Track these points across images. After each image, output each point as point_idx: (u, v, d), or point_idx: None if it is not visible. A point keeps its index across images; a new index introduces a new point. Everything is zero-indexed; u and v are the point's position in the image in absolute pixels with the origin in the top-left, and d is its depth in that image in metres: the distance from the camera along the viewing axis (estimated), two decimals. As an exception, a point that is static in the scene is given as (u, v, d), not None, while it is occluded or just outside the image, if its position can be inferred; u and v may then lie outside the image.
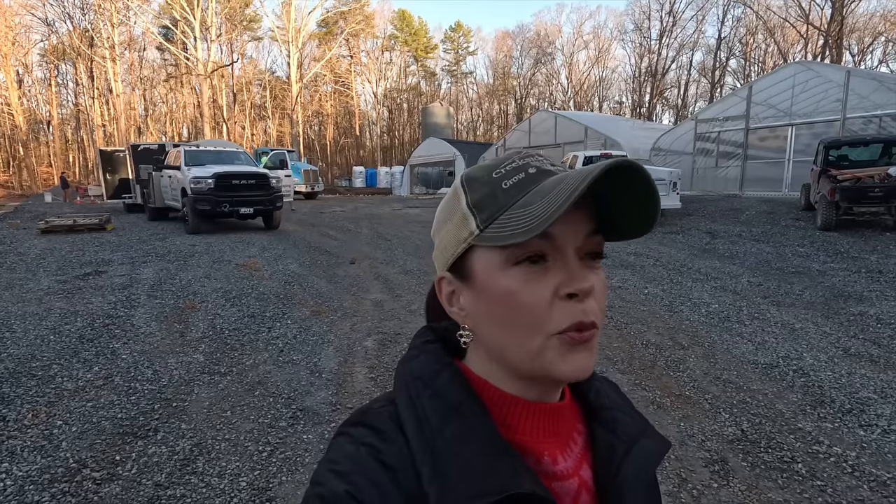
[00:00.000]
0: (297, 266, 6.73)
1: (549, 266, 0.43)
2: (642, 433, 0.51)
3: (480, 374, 0.48)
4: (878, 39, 33.87)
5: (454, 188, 0.48)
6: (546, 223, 0.38)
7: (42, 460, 2.42)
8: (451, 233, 0.46)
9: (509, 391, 0.47)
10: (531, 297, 0.42)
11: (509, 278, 0.43)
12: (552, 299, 0.42)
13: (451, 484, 0.40)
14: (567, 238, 0.42)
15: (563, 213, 0.37)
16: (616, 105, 47.33)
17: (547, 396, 0.48)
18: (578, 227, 0.43)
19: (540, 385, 0.47)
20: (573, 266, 0.42)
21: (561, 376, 0.43)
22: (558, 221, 0.39)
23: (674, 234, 9.01)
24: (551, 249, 0.42)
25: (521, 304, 0.42)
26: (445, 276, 0.48)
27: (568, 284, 0.42)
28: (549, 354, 0.42)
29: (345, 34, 41.85)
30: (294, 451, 2.54)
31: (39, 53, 41.54)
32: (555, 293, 0.42)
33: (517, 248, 0.42)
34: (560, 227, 0.42)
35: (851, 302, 4.88)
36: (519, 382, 0.47)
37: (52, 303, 4.95)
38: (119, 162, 14.73)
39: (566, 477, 0.46)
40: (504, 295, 0.43)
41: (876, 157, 8.80)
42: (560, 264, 0.43)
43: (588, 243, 0.44)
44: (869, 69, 29.38)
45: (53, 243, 8.31)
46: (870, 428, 2.70)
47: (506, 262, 0.43)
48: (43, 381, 3.27)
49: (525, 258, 0.42)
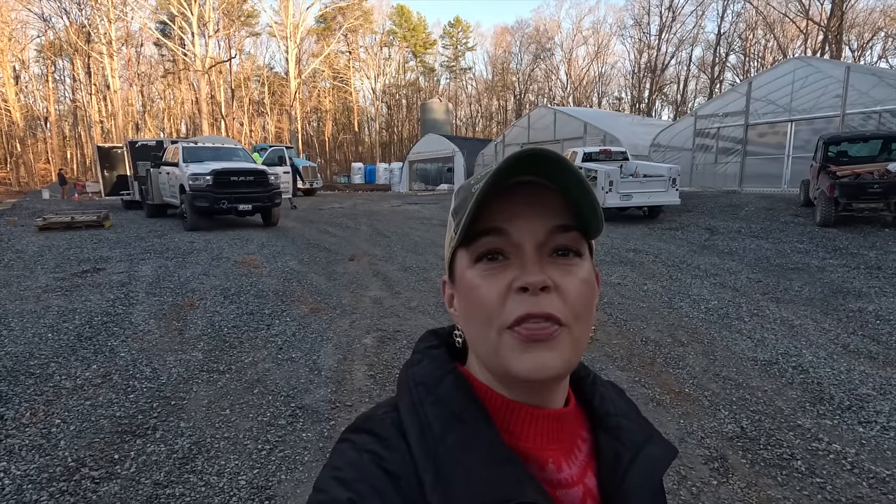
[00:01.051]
0: (295, 263, 6.72)
1: (509, 262, 0.44)
2: (648, 440, 0.51)
3: (482, 380, 0.47)
4: (877, 35, 33.79)
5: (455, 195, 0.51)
6: (465, 227, 0.42)
7: (40, 459, 2.41)
8: (446, 240, 0.49)
9: (511, 397, 0.46)
10: (487, 291, 0.43)
11: (472, 274, 0.44)
12: (506, 293, 0.43)
13: (454, 492, 0.39)
14: (523, 234, 0.43)
15: (473, 214, 0.41)
16: (615, 101, 47.24)
17: (547, 402, 0.47)
18: (538, 222, 0.43)
19: (523, 387, 0.46)
20: (527, 261, 0.43)
21: (518, 374, 0.42)
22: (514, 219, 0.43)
23: (673, 231, 9.01)
24: (508, 246, 0.44)
25: (478, 298, 0.44)
26: (445, 280, 0.51)
27: (519, 278, 0.42)
28: (504, 351, 0.43)
29: (343, 30, 41.67)
30: (293, 450, 2.54)
31: (36, 49, 41.37)
32: (509, 287, 0.43)
33: (476, 245, 0.44)
34: (515, 224, 0.43)
35: (850, 298, 4.89)
36: (514, 386, 0.46)
37: (50, 300, 4.94)
38: (117, 158, 14.68)
39: (571, 485, 0.46)
40: (467, 290, 0.45)
41: (875, 153, 8.79)
42: (518, 260, 0.43)
43: (554, 239, 0.44)
44: (869, 64, 29.35)
45: (51, 240, 8.28)
46: (869, 425, 2.70)
47: (470, 260, 0.45)
48: (41, 379, 3.26)
49: (483, 255, 0.44)
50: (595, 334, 1.95)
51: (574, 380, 0.54)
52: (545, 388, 0.46)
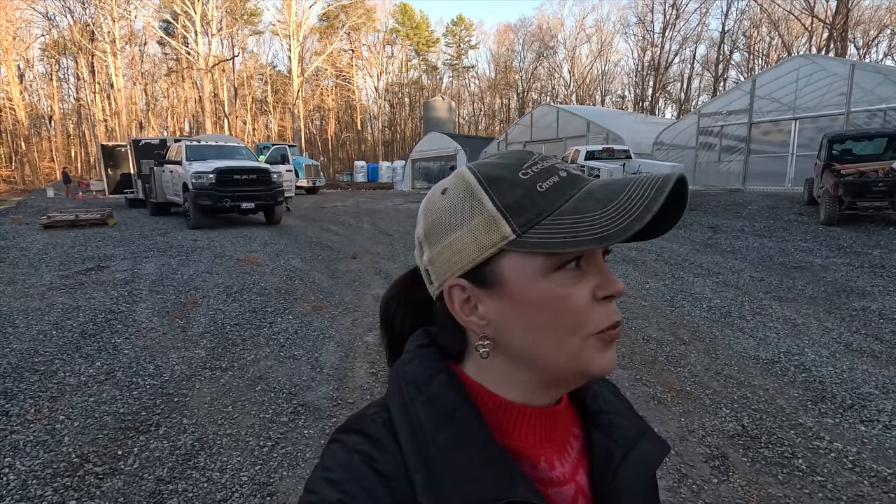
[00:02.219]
0: (298, 261, 6.73)
1: (583, 270, 0.43)
2: (640, 437, 0.51)
3: (475, 379, 0.47)
4: (883, 32, 33.56)
5: (466, 187, 0.45)
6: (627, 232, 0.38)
7: (44, 455, 2.43)
8: (468, 237, 0.43)
9: (505, 396, 0.46)
10: (574, 301, 0.42)
11: (551, 283, 0.42)
12: (591, 302, 0.43)
13: (445, 492, 0.39)
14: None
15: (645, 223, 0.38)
16: (618, 99, 47.10)
17: (551, 399, 0.48)
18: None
19: (559, 387, 0.47)
20: (605, 269, 0.44)
21: (598, 373, 0.44)
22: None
23: (675, 229, 8.98)
24: (586, 253, 0.43)
25: (564, 309, 0.42)
26: (459, 284, 0.44)
27: (605, 288, 0.43)
28: (587, 353, 0.43)
29: (346, 28, 41.70)
30: (295, 447, 2.55)
31: (40, 48, 41.52)
32: (592, 296, 0.43)
33: (560, 254, 0.41)
34: None
35: (854, 297, 4.87)
36: (528, 387, 0.46)
37: (55, 298, 4.97)
38: (120, 157, 14.75)
39: (562, 483, 0.46)
40: (547, 300, 0.42)
41: (880, 151, 8.74)
42: (594, 268, 0.44)
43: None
44: (874, 62, 29.16)
45: (55, 238, 8.33)
46: (871, 423, 2.69)
47: (548, 268, 0.42)
48: (45, 376, 3.29)
49: (569, 262, 0.42)
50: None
51: None
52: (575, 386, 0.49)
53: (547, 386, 0.47)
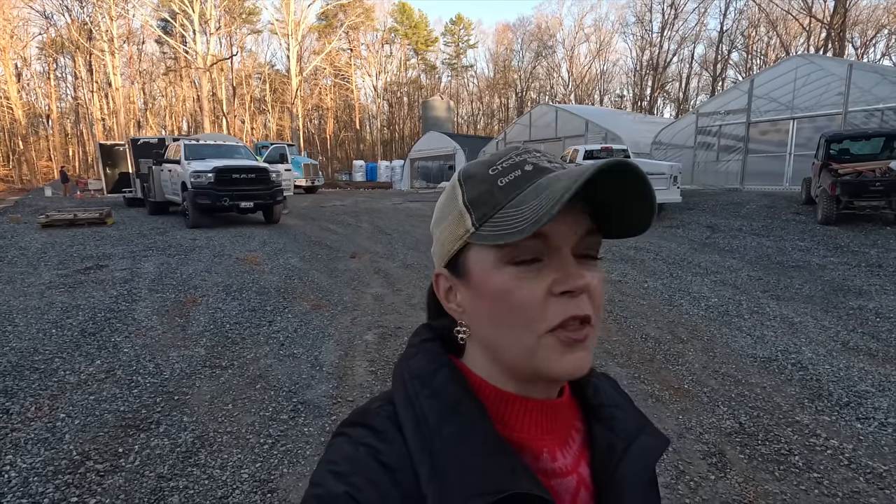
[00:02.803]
0: (297, 260, 6.74)
1: (543, 264, 0.43)
2: (640, 430, 0.52)
3: (478, 373, 0.48)
4: (880, 32, 33.62)
5: (452, 184, 0.48)
6: (537, 225, 0.38)
7: (46, 452, 2.44)
8: (448, 229, 0.47)
9: (507, 389, 0.47)
10: (525, 295, 0.42)
11: (504, 276, 0.43)
12: (546, 297, 0.42)
13: (449, 484, 0.40)
14: (562, 238, 0.43)
15: (555, 214, 0.37)
16: (617, 98, 47.12)
17: (545, 394, 0.48)
18: (574, 226, 0.43)
19: (535, 384, 0.47)
20: (568, 264, 0.42)
21: (555, 375, 0.43)
22: (553, 221, 0.38)
23: (674, 229, 9.01)
24: (546, 248, 0.42)
25: (515, 303, 0.42)
26: (443, 273, 0.48)
27: (563, 283, 0.42)
28: (543, 353, 0.42)
29: (344, 27, 41.63)
30: (295, 444, 2.56)
31: (38, 47, 41.38)
32: (548, 291, 0.42)
33: (512, 247, 0.42)
34: (555, 227, 0.42)
35: (851, 296, 4.89)
36: (516, 380, 0.47)
37: (54, 297, 4.97)
38: (119, 156, 14.70)
39: (565, 474, 0.46)
40: (498, 293, 0.43)
41: (877, 150, 8.77)
42: (555, 263, 0.42)
43: (584, 242, 0.44)
44: (871, 62, 29.23)
45: (54, 237, 8.32)
46: (867, 421, 2.71)
47: (500, 261, 0.43)
48: (45, 374, 3.29)
49: (520, 258, 0.42)
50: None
51: None
52: (553, 384, 0.48)
53: (524, 380, 0.46)
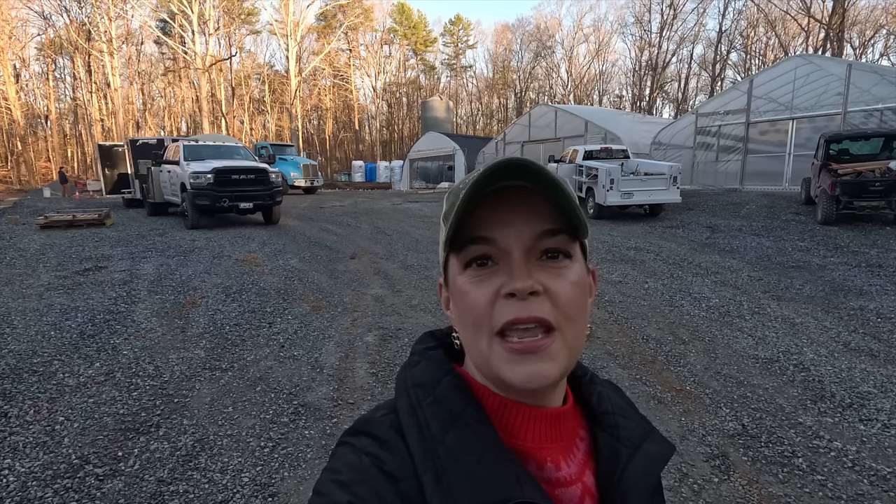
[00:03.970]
0: (297, 261, 6.72)
1: (497, 268, 0.44)
2: (646, 437, 0.51)
3: (480, 381, 0.48)
4: (879, 32, 33.67)
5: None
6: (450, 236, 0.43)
7: (44, 456, 2.43)
8: (440, 242, 0.49)
9: (509, 396, 0.46)
10: (475, 297, 0.43)
11: (462, 280, 0.45)
12: (494, 299, 0.43)
13: (453, 492, 0.40)
14: (510, 240, 0.43)
15: (456, 224, 0.42)
16: (616, 99, 47.15)
17: (545, 402, 0.48)
18: (525, 228, 0.43)
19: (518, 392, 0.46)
20: (515, 266, 0.43)
21: (512, 383, 0.43)
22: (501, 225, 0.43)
23: (674, 229, 9.00)
24: (495, 251, 0.44)
25: (467, 304, 0.44)
26: (441, 283, 0.51)
27: (507, 284, 0.42)
28: (495, 360, 0.43)
29: (343, 27, 41.60)
30: (296, 447, 2.55)
31: (36, 47, 41.32)
32: (496, 293, 0.43)
33: (464, 252, 0.45)
34: (502, 230, 0.43)
35: (851, 296, 4.89)
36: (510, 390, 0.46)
37: (53, 298, 4.95)
38: (118, 157, 14.68)
39: (569, 483, 0.46)
40: (458, 296, 0.45)
41: (877, 150, 8.77)
42: (506, 266, 0.43)
43: (542, 243, 0.44)
44: (870, 62, 29.27)
45: (53, 239, 8.29)
46: (870, 422, 2.70)
47: (460, 266, 0.45)
48: (44, 377, 3.28)
49: (472, 261, 0.44)
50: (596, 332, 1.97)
51: (571, 378, 0.54)
52: (541, 392, 0.47)
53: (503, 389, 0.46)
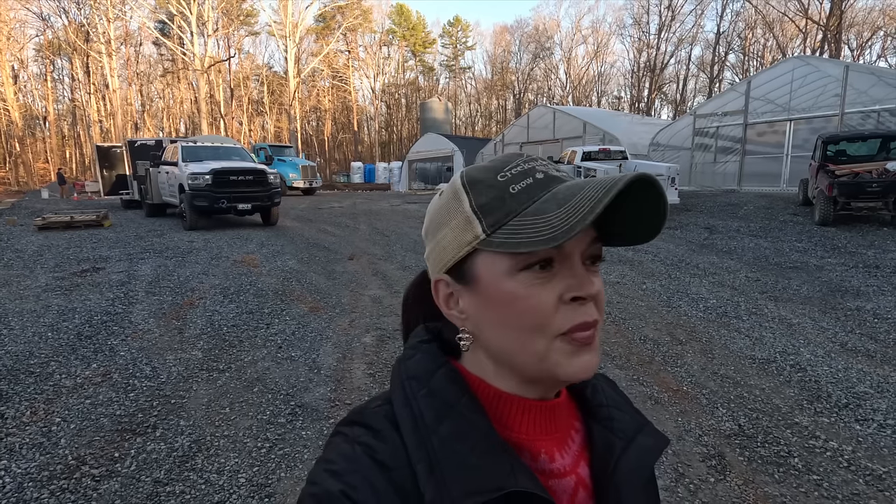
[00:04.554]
0: (295, 262, 6.72)
1: (555, 271, 0.43)
2: (639, 430, 0.52)
3: (475, 373, 0.48)
4: (876, 34, 33.82)
5: (453, 189, 0.47)
6: (570, 233, 0.38)
7: (41, 457, 2.42)
8: (451, 235, 0.46)
9: (505, 389, 0.47)
10: (538, 301, 0.42)
11: (516, 283, 0.43)
12: (557, 303, 0.42)
13: (447, 482, 0.40)
14: (574, 245, 0.43)
15: (588, 224, 0.38)
16: (615, 100, 47.25)
17: (544, 394, 0.48)
18: (585, 234, 0.44)
19: (541, 385, 0.47)
20: (580, 271, 0.43)
21: (567, 378, 0.44)
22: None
23: (672, 230, 9.02)
24: (558, 255, 0.43)
25: (527, 309, 0.42)
26: (443, 279, 0.48)
27: (576, 289, 0.42)
28: (554, 357, 0.43)
29: (342, 29, 41.62)
30: (293, 448, 2.54)
31: (35, 48, 41.32)
32: (560, 297, 0.43)
33: (527, 254, 0.42)
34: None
35: (849, 297, 4.90)
36: (516, 382, 0.47)
37: (50, 300, 4.94)
38: (116, 158, 14.67)
39: (563, 475, 0.46)
40: (512, 299, 0.43)
41: (874, 152, 8.80)
42: (567, 270, 0.43)
43: (591, 248, 0.45)
44: (867, 64, 29.35)
45: (50, 240, 8.28)
46: (866, 422, 2.71)
47: (513, 268, 0.43)
48: (41, 378, 3.27)
49: (535, 264, 0.42)
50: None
51: None
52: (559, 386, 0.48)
53: (529, 383, 0.47)
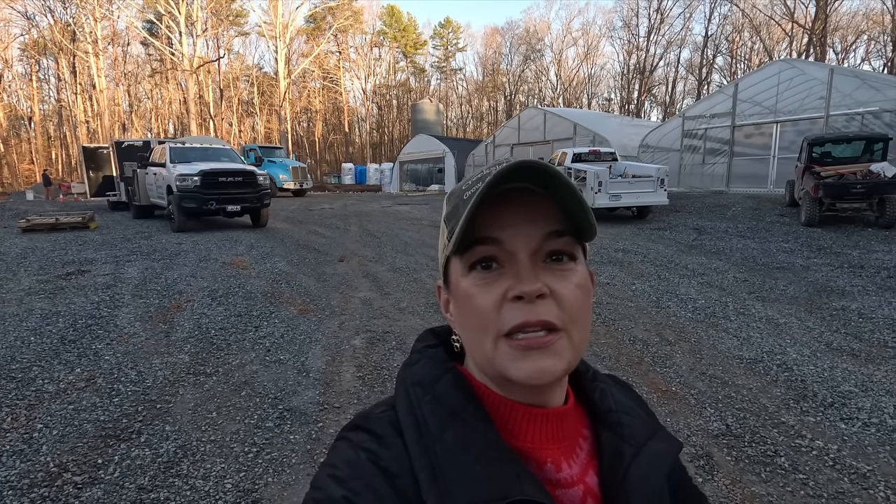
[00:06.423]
0: (284, 264, 6.67)
1: (503, 270, 0.43)
2: (651, 435, 0.50)
3: (480, 380, 0.47)
4: (860, 38, 34.41)
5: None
6: (460, 235, 0.42)
7: (21, 464, 2.37)
8: (440, 245, 0.50)
9: (509, 396, 0.46)
10: (481, 300, 0.43)
11: (467, 283, 0.44)
12: (501, 302, 0.42)
13: (449, 490, 0.39)
14: (517, 242, 0.43)
15: (466, 225, 0.41)
16: (605, 102, 47.59)
17: (545, 401, 0.47)
18: (531, 230, 0.43)
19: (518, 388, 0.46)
20: (523, 269, 0.43)
21: (517, 380, 0.43)
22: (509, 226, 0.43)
23: (661, 231, 9.08)
24: (502, 253, 0.43)
25: (473, 308, 0.43)
26: (440, 285, 0.51)
27: (514, 287, 0.42)
28: (500, 360, 0.43)
29: (333, 30, 41.51)
30: (280, 452, 2.52)
31: (20, 48, 40.64)
32: (503, 296, 0.42)
33: (469, 254, 0.44)
34: (509, 232, 0.43)
35: (834, 297, 4.96)
36: (497, 384, 0.46)
37: (33, 303, 4.86)
38: (103, 159, 14.50)
39: (570, 484, 0.45)
40: (462, 299, 0.45)
41: (858, 153, 8.94)
42: (512, 268, 0.43)
43: (548, 245, 0.43)
44: (852, 67, 29.84)
45: (35, 242, 8.15)
46: (851, 421, 2.74)
47: (465, 268, 0.45)
48: (23, 383, 3.21)
49: (477, 264, 0.44)
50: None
51: (573, 376, 0.53)
52: (543, 389, 0.46)
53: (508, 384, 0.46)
